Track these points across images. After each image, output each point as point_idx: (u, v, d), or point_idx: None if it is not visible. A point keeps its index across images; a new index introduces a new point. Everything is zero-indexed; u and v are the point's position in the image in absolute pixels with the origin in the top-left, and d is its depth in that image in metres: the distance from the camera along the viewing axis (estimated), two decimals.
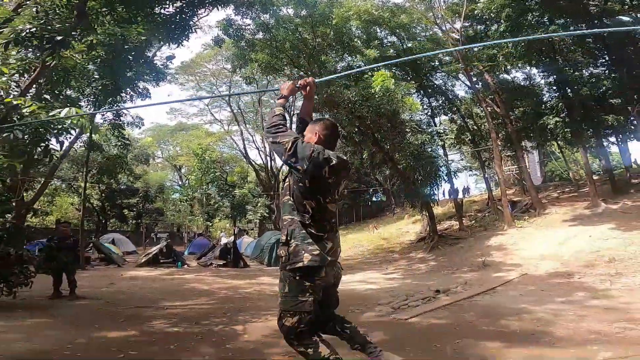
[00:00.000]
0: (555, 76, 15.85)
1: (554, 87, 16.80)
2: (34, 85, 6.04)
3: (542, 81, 18.07)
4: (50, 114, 4.41)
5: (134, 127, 13.99)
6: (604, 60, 15.87)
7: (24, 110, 4.79)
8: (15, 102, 4.58)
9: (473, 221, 18.75)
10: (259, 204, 34.58)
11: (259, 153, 35.96)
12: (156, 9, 7.69)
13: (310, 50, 13.93)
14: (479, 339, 4.02)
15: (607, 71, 15.53)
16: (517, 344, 3.74)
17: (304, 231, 2.16)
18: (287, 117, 2.37)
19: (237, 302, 6.89)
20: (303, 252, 2.13)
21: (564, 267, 9.01)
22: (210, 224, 36.19)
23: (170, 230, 35.36)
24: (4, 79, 4.76)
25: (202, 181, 33.49)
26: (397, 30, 16.16)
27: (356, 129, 15.66)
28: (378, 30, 16.32)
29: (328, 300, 2.33)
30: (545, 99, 17.77)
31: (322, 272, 2.16)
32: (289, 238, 2.19)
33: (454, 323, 4.84)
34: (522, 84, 19.52)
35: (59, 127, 4.97)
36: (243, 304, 6.69)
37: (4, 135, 4.70)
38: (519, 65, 16.04)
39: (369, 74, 11.95)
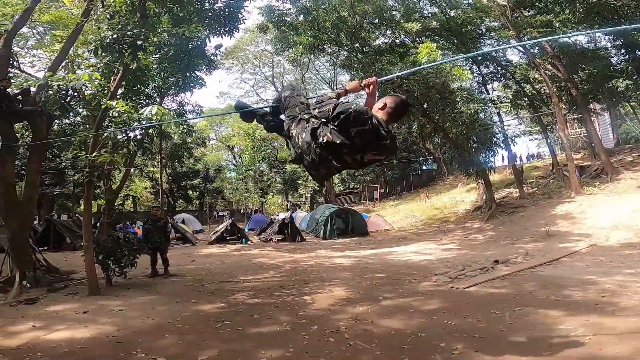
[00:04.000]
0: (622, 40, 14.53)
1: (622, 51, 15.45)
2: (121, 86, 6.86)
3: (609, 44, 16.51)
4: (140, 112, 5.09)
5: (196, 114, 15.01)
6: None
7: (116, 110, 5.58)
8: (114, 104, 5.33)
9: (535, 188, 17.74)
10: (310, 178, 35.45)
11: None
12: (206, 4, 8.23)
13: (351, 29, 13.88)
14: (539, 307, 4.11)
15: None
16: (578, 313, 3.80)
17: None
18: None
19: (301, 274, 7.44)
20: None
21: (638, 238, 8.48)
22: (264, 200, 37.94)
23: (230, 208, 37.70)
24: (96, 83, 5.54)
25: (255, 159, 35.07)
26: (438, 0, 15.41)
27: None
28: (416, 0, 15.68)
29: None
30: (613, 62, 16.26)
31: None
32: None
33: (514, 292, 4.92)
34: (585, 46, 17.76)
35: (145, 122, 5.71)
36: (307, 276, 7.22)
37: (105, 135, 5.56)
38: (579, 30, 14.61)
39: (415, 47, 11.65)
